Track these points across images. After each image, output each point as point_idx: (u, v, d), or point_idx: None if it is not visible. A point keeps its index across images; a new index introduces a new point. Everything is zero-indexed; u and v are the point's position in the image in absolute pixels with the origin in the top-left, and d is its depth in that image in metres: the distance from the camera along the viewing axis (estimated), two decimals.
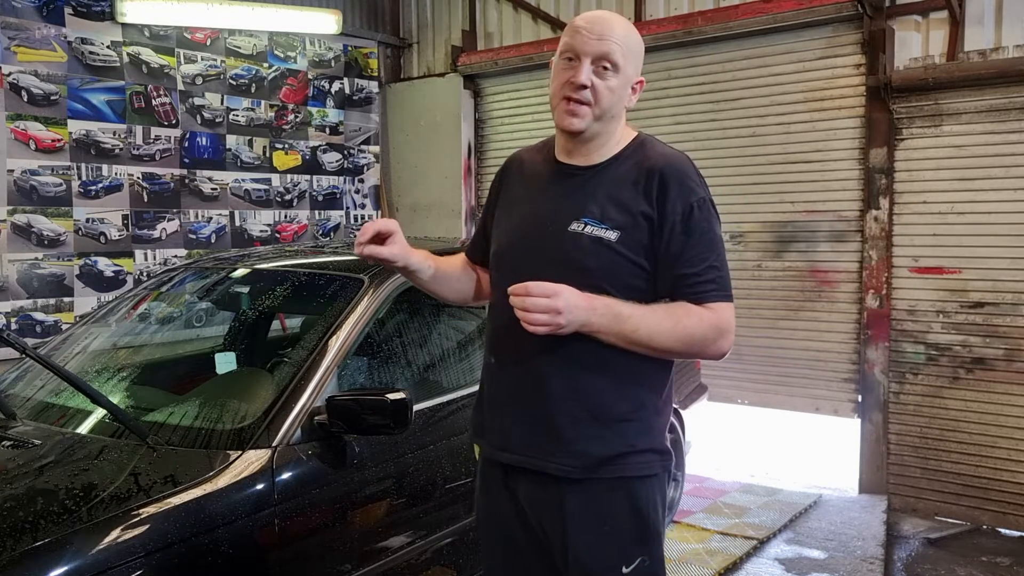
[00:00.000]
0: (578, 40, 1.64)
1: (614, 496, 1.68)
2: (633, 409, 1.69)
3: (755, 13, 4.90)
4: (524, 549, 1.81)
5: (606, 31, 1.64)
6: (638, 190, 1.65)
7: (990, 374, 4.34)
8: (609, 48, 1.63)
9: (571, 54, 1.66)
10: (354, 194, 6.51)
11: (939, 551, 4.07)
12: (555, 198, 1.73)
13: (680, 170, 1.67)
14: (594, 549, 1.68)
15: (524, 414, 1.72)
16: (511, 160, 1.92)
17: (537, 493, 1.74)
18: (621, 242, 1.63)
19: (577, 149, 1.73)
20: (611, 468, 1.67)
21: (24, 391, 2.63)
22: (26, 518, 1.80)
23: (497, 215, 1.86)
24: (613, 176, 1.69)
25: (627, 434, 1.68)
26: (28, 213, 4.75)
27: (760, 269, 5.10)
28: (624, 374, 1.67)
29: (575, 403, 1.67)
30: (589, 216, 1.65)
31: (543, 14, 5.99)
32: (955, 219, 4.41)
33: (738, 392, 5.22)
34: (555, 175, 1.76)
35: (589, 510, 1.68)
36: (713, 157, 5.16)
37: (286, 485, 2.11)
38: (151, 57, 5.27)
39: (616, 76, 1.65)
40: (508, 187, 1.86)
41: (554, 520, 1.71)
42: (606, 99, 1.65)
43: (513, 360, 1.73)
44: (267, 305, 2.99)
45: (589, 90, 1.63)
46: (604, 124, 1.69)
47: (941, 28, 4.49)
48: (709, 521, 4.26)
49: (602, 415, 1.67)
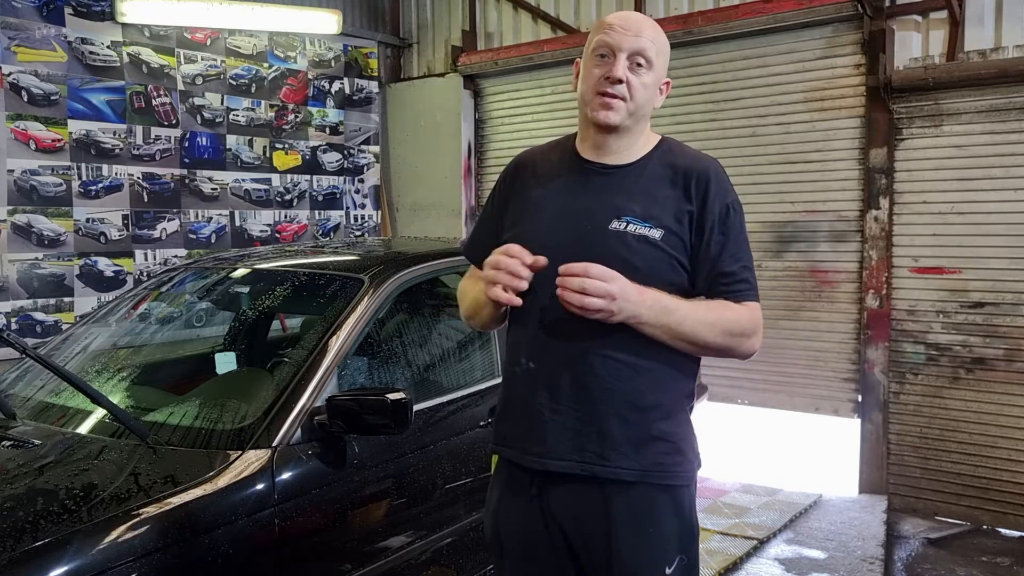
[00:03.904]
0: (613, 36, 1.66)
1: (659, 499, 1.68)
2: (676, 411, 1.71)
3: (755, 13, 4.91)
4: (547, 567, 1.76)
5: (641, 28, 1.68)
6: (676, 189, 1.67)
7: (990, 374, 4.34)
8: (644, 44, 1.66)
9: (605, 50, 1.67)
10: (354, 194, 6.50)
11: (939, 551, 4.07)
12: (587, 196, 1.71)
13: (717, 171, 1.71)
14: (639, 552, 1.67)
15: (570, 418, 1.67)
16: (522, 160, 1.88)
17: (577, 500, 1.69)
18: (664, 240, 1.64)
19: (608, 146, 1.72)
20: (658, 472, 1.67)
21: (24, 391, 2.63)
22: (26, 518, 1.80)
23: (512, 215, 1.80)
24: (649, 175, 1.70)
25: (672, 437, 1.69)
26: (28, 213, 4.75)
27: (760, 269, 5.09)
28: (666, 376, 1.68)
29: (624, 404, 1.65)
30: (631, 215, 1.65)
31: (543, 14, 5.99)
32: (955, 219, 4.41)
33: (738, 392, 5.22)
34: (583, 173, 1.74)
35: (635, 514, 1.67)
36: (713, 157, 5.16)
37: (286, 485, 2.11)
38: (151, 57, 5.27)
39: (650, 73, 1.68)
40: (521, 187, 1.81)
41: (597, 525, 1.68)
42: (640, 94, 1.67)
43: (557, 362, 1.68)
44: (267, 305, 2.99)
45: (624, 85, 1.65)
46: (636, 121, 1.70)
47: (941, 28, 4.49)
48: (709, 521, 4.26)
49: (648, 417, 1.66)
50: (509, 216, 1.81)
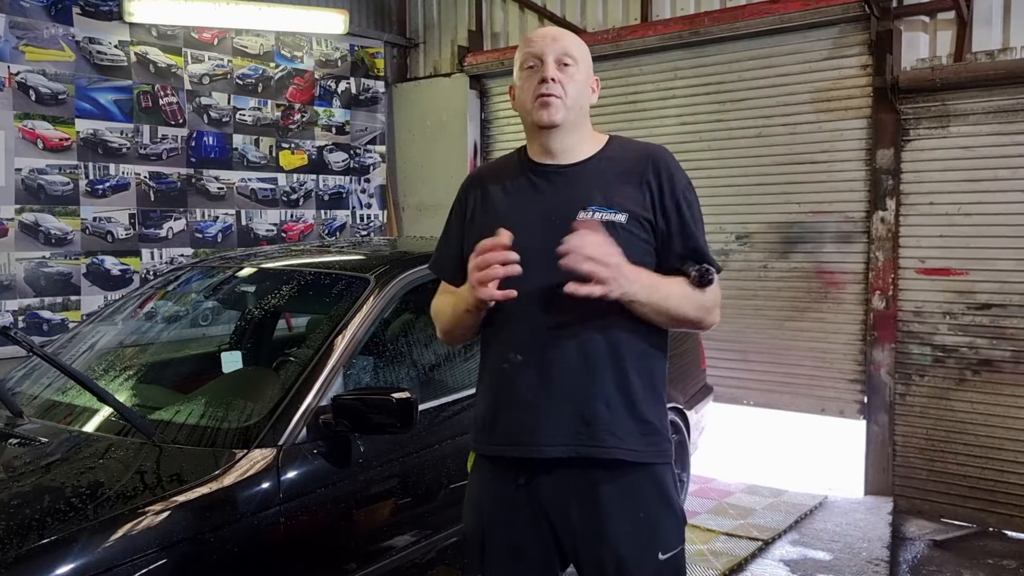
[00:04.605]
0: (536, 46, 1.79)
1: (645, 483, 1.75)
2: (654, 395, 1.78)
3: (762, 14, 4.89)
4: (531, 558, 1.80)
5: (558, 35, 1.82)
6: (634, 176, 1.77)
7: (997, 376, 4.32)
8: (566, 46, 1.79)
9: (533, 61, 1.78)
10: (360, 194, 6.51)
11: (945, 553, 4.06)
12: (548, 195, 1.78)
13: (668, 156, 1.81)
14: (631, 538, 1.73)
15: (560, 404, 1.72)
16: (476, 175, 1.94)
17: (565, 485, 1.74)
18: (631, 223, 1.72)
19: (557, 147, 1.79)
20: (643, 451, 1.74)
21: (31, 389, 2.64)
22: (33, 515, 1.81)
23: (477, 226, 1.82)
24: (604, 167, 1.79)
25: (651, 419, 1.76)
26: (36, 212, 4.76)
27: (766, 270, 5.09)
28: (646, 354, 1.76)
29: (609, 386, 1.72)
30: (595, 204, 1.73)
31: (549, 14, 5.99)
32: (962, 220, 4.39)
33: (744, 393, 5.21)
34: (540, 175, 1.81)
35: (625, 499, 1.73)
36: (719, 157, 5.15)
37: (291, 484, 2.12)
38: (158, 57, 5.28)
39: (577, 69, 1.79)
40: (482, 199, 1.86)
41: (587, 513, 1.73)
42: (573, 89, 1.77)
43: (544, 352, 1.73)
44: (273, 304, 3.00)
45: (558, 84, 1.75)
46: (576, 116, 1.79)
47: (948, 29, 4.47)
48: (714, 522, 4.25)
49: (630, 400, 1.73)
50: (473, 228, 1.84)
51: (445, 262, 1.93)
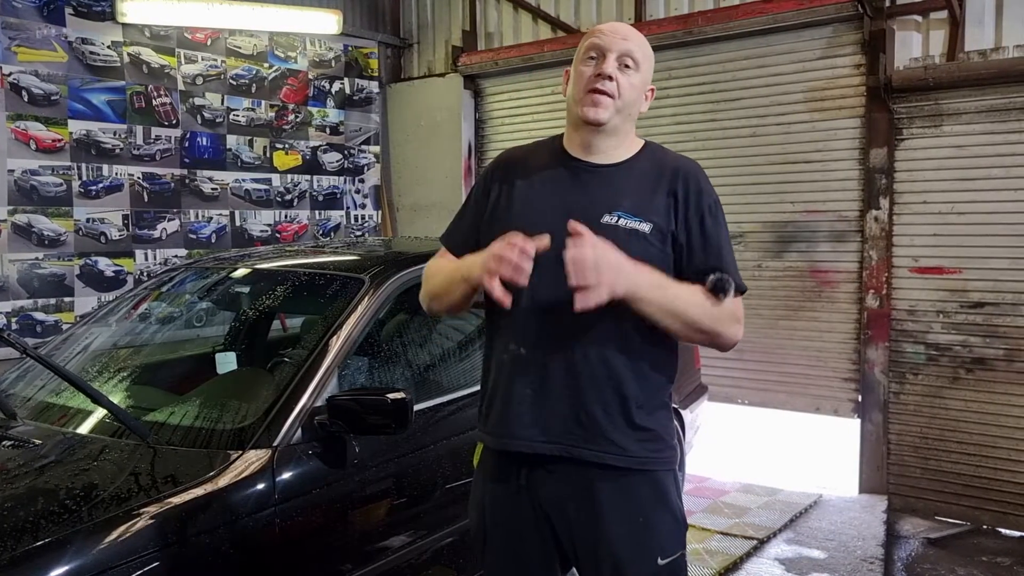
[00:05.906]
0: (603, 39, 1.75)
1: (644, 487, 1.73)
2: (658, 399, 1.76)
3: (755, 13, 4.91)
4: (531, 558, 1.79)
5: (629, 34, 1.78)
6: (663, 186, 1.74)
7: (990, 374, 4.34)
8: (632, 47, 1.75)
9: (595, 52, 1.75)
10: (354, 194, 6.51)
11: (939, 551, 4.07)
12: (578, 192, 1.76)
13: (699, 171, 1.79)
14: (629, 541, 1.71)
15: (558, 402, 1.71)
16: (507, 157, 1.91)
17: (563, 485, 1.74)
18: (653, 234, 1.70)
19: (596, 145, 1.77)
20: (641, 457, 1.72)
21: (25, 391, 2.63)
22: (26, 518, 1.80)
23: (496, 210, 1.82)
24: (637, 174, 1.77)
25: (652, 426, 1.74)
26: (28, 213, 4.75)
27: (760, 269, 5.10)
28: (650, 362, 1.74)
29: (608, 390, 1.70)
30: (621, 210, 1.71)
31: (543, 14, 5.99)
32: (955, 219, 4.41)
33: (738, 392, 5.22)
34: (572, 170, 1.78)
35: (622, 502, 1.72)
36: (713, 157, 5.16)
37: (287, 485, 2.11)
38: (151, 57, 5.27)
39: (637, 74, 1.75)
40: (508, 182, 1.83)
41: (585, 513, 1.72)
42: (628, 93, 1.74)
43: (546, 349, 1.71)
44: (268, 305, 2.99)
45: (614, 83, 1.71)
46: (623, 120, 1.76)
47: (941, 28, 4.49)
48: (709, 521, 4.26)
49: (629, 406, 1.71)
50: (493, 209, 1.83)
51: (456, 236, 1.91)
